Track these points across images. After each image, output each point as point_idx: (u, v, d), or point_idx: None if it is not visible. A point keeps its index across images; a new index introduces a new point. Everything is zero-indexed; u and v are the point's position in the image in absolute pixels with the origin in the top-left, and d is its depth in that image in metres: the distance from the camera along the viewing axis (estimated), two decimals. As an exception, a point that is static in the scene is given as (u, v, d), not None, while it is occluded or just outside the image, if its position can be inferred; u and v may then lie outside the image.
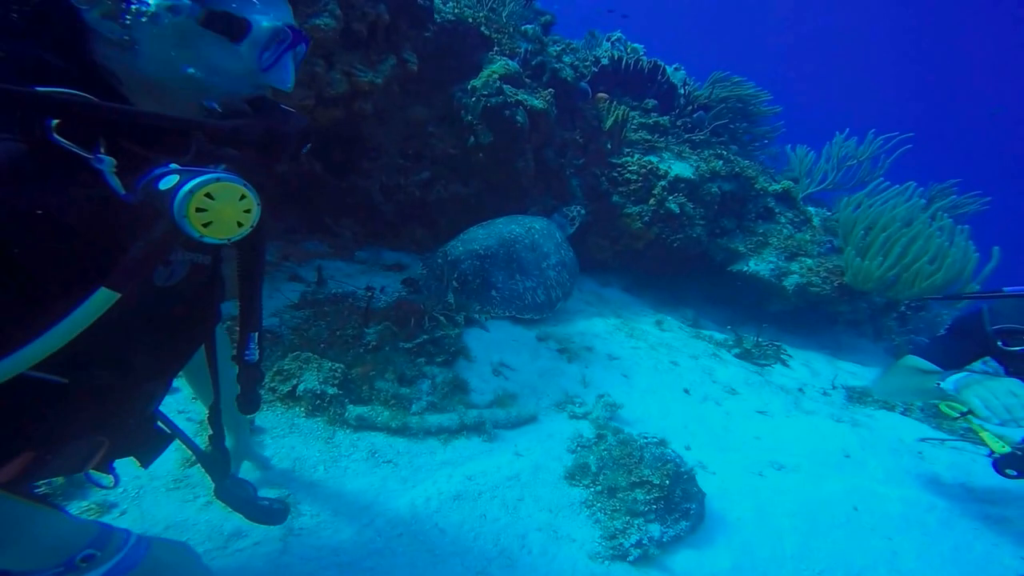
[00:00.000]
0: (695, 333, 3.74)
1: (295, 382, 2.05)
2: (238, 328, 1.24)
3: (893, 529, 1.85)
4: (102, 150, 0.76)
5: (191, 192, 0.74)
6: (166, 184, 0.76)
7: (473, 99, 3.53)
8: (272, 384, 2.07)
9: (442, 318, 2.56)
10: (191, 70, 0.86)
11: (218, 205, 0.77)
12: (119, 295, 0.77)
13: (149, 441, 1.17)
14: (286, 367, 2.09)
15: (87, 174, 0.76)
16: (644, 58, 5.09)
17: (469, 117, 3.56)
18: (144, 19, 0.79)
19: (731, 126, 5.55)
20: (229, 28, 0.85)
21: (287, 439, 1.90)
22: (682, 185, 4.25)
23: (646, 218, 4.17)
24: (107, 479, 1.16)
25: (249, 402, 1.30)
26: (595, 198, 4.22)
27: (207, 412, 1.31)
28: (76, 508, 1.56)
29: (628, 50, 5.33)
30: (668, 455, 1.84)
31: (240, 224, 0.80)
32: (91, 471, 1.09)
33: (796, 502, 1.94)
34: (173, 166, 0.79)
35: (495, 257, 3.14)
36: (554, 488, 1.86)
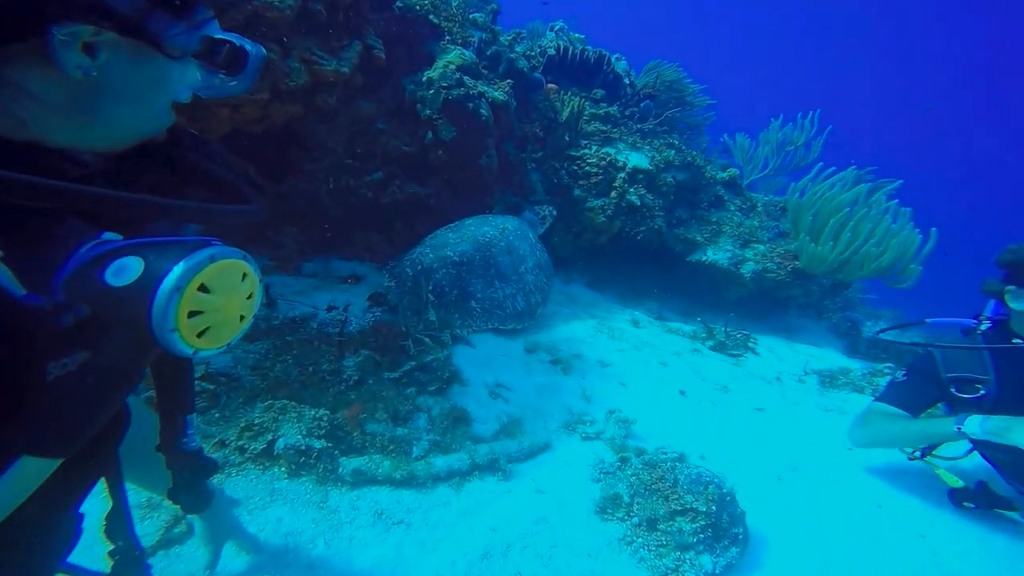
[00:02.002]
0: (665, 328, 3.70)
1: (270, 437, 1.69)
2: (159, 410, 0.95)
3: (922, 525, 1.85)
4: None
5: (178, 289, 0.46)
6: (123, 276, 0.47)
7: (431, 92, 3.21)
8: (241, 443, 1.70)
9: (427, 339, 2.27)
10: (154, 106, 0.63)
11: (218, 300, 0.50)
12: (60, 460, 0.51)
13: None
14: (257, 420, 1.72)
15: None
16: (589, 48, 4.96)
17: (427, 111, 3.23)
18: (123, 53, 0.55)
19: (668, 114, 5.60)
20: (234, 60, 0.64)
21: (270, 509, 1.56)
22: (640, 176, 4.18)
23: (609, 211, 4.06)
24: None
25: (196, 498, 1.00)
26: (556, 192, 4.05)
27: (104, 518, 0.92)
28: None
29: (571, 40, 5.18)
30: (705, 475, 1.71)
31: (243, 318, 0.54)
32: None
33: (824, 507, 1.90)
34: (110, 236, 0.50)
35: (471, 264, 2.87)
36: (587, 526, 1.67)
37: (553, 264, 4.10)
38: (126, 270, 0.47)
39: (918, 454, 2.06)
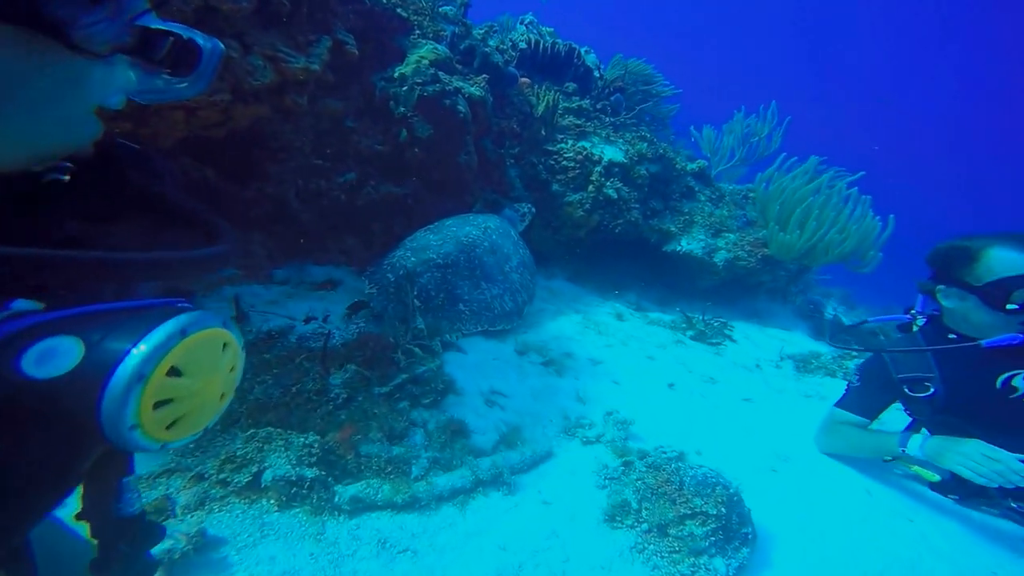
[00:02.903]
0: (647, 319, 3.67)
1: (256, 469, 1.53)
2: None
3: (907, 510, 1.87)
4: None
5: (141, 378, 0.34)
6: (53, 364, 0.34)
7: (404, 88, 3.01)
8: (222, 475, 1.53)
9: (417, 349, 2.12)
10: (69, 114, 0.47)
11: (194, 383, 0.38)
12: None
13: None
14: (239, 452, 1.55)
15: None
16: (559, 41, 4.83)
17: (401, 108, 3.04)
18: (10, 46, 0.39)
19: (640, 108, 5.55)
20: (182, 58, 0.49)
21: (262, 547, 1.40)
22: (616, 169, 4.11)
23: (587, 205, 3.98)
24: None
25: (136, 573, 0.83)
26: (535, 188, 3.93)
27: None
28: None
29: (541, 33, 5.03)
30: (710, 476, 1.65)
31: (223, 396, 0.43)
32: None
33: (818, 497, 1.89)
34: (24, 305, 0.35)
35: (456, 265, 2.73)
36: (597, 536, 1.59)
37: (534, 259, 3.99)
38: (56, 355, 0.33)
39: (890, 457, 2.08)
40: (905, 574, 1.60)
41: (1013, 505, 1.86)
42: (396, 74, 3.05)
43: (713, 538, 1.53)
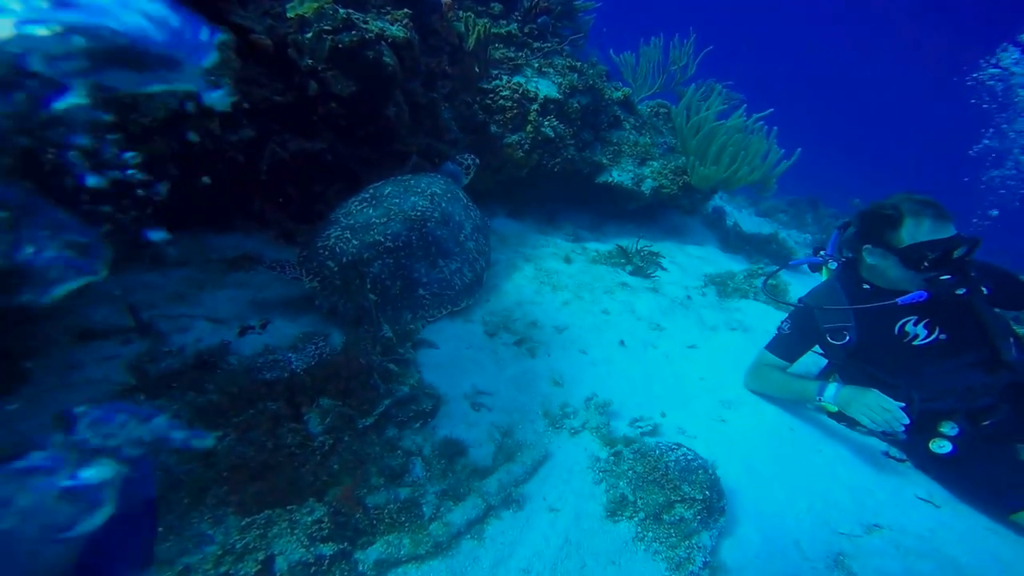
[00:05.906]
0: (588, 256, 3.54)
1: (263, 556, 1.28)
2: None
3: (818, 440, 2.10)
4: None
5: None
6: None
7: (310, 35, 2.21)
8: (224, 569, 1.27)
9: (393, 366, 1.83)
10: None
11: None
12: None
13: None
14: (238, 543, 1.27)
15: None
16: (477, -59, 3.83)
17: (309, 61, 2.27)
18: None
19: (572, 38, 4.82)
20: None
21: (287, 643, 1.22)
22: (552, 106, 3.64)
23: (526, 146, 3.54)
24: None
25: None
26: (472, 130, 3.37)
27: None
28: None
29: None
30: (691, 460, 1.70)
31: None
32: None
33: (757, 441, 2.04)
34: None
35: (409, 247, 2.31)
36: (603, 533, 1.61)
37: (474, 198, 3.58)
38: None
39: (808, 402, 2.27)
40: (821, 505, 1.83)
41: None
42: (291, 14, 2.20)
43: (699, 517, 1.61)
